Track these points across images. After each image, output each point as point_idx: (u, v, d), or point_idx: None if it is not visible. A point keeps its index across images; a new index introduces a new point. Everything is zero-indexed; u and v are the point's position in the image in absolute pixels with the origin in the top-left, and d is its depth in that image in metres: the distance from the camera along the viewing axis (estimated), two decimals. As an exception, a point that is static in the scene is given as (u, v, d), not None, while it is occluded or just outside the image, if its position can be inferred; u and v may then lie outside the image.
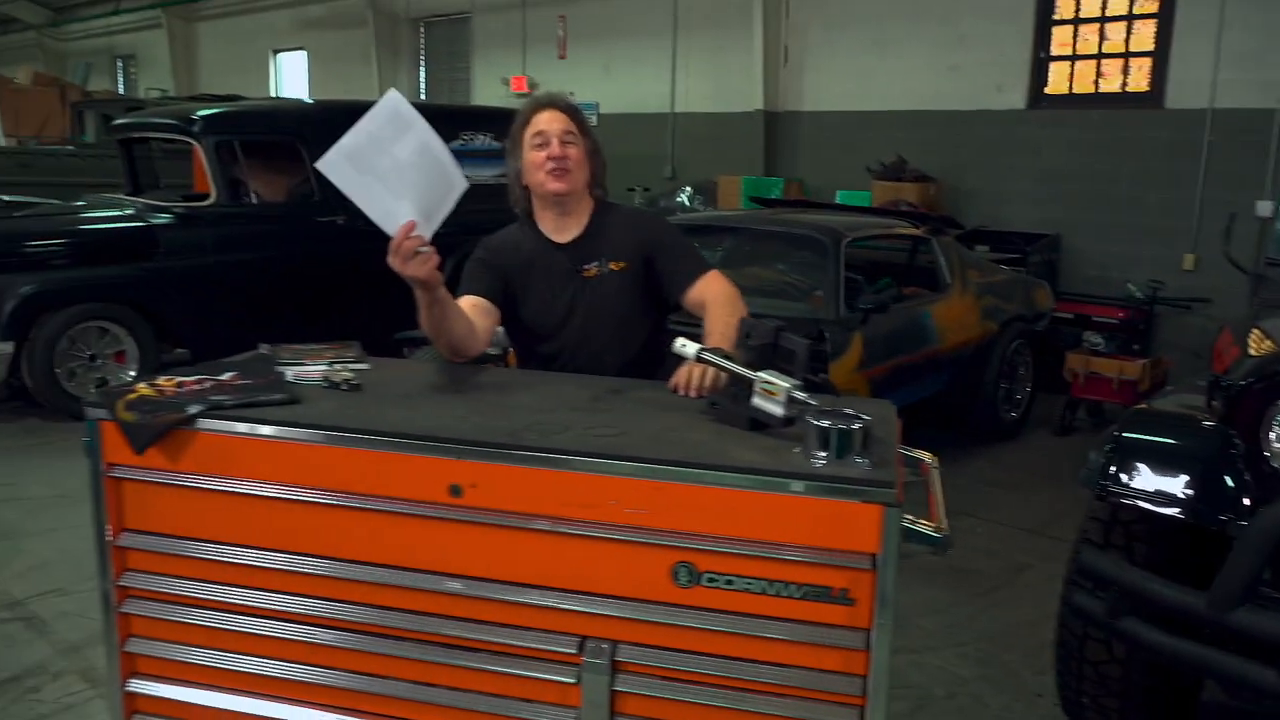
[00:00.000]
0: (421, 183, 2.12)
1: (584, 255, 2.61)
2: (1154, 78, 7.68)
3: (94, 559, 4.10)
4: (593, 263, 2.61)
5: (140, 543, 2.04)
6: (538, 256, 2.62)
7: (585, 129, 2.62)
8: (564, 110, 2.59)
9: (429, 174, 2.13)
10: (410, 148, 2.09)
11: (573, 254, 2.62)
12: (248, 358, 2.37)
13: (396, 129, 2.08)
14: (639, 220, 2.75)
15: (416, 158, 2.10)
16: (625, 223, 2.67)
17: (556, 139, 2.54)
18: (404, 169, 2.10)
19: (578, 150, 2.56)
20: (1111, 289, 7.69)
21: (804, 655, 1.76)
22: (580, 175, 2.58)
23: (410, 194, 2.11)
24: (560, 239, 2.64)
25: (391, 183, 2.09)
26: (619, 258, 2.61)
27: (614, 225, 2.65)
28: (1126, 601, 2.42)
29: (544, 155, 2.54)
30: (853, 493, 1.68)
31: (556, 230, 2.64)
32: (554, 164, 2.53)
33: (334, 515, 1.91)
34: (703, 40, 10.68)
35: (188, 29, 18.46)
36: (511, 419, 1.96)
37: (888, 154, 8.81)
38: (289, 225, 6.84)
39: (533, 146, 2.56)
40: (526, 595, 1.84)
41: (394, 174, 2.09)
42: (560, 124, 2.55)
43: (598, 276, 2.61)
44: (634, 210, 2.79)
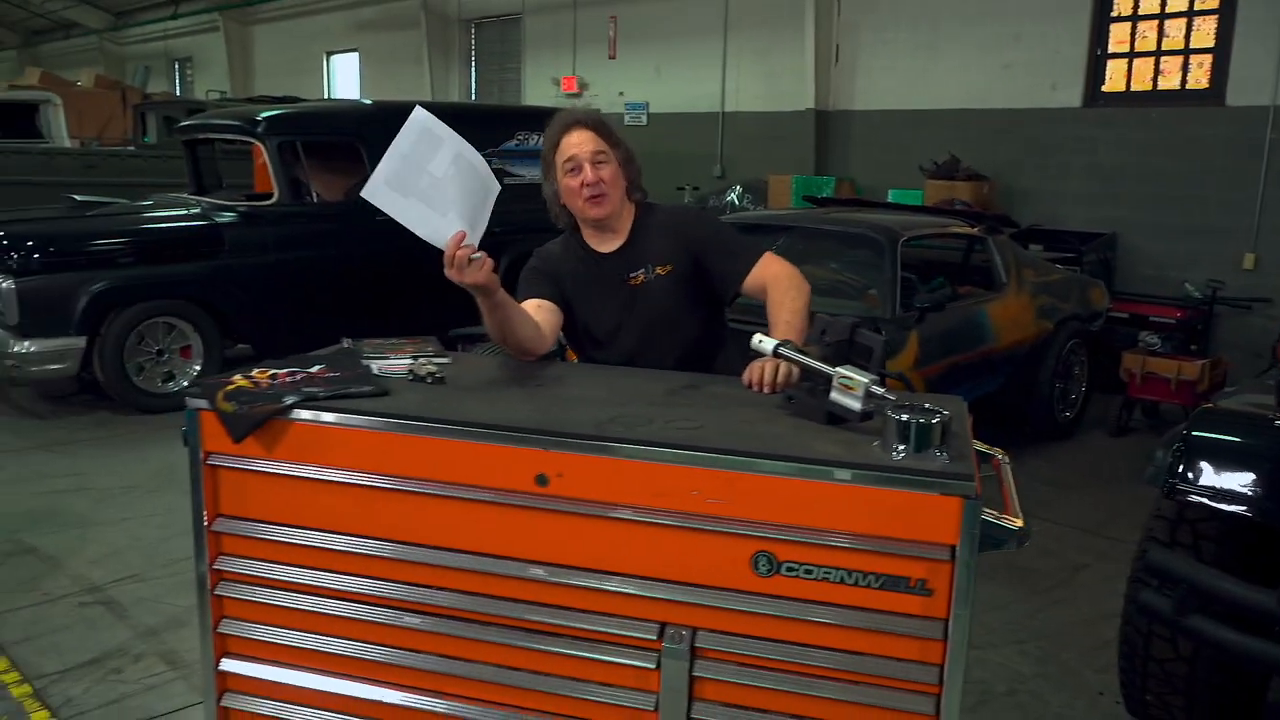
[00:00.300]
0: (461, 193, 2.18)
1: (629, 263, 2.63)
2: (1214, 75, 7.58)
3: (167, 547, 4.27)
4: (638, 270, 2.62)
5: (234, 528, 2.12)
6: (586, 268, 2.66)
7: (615, 139, 2.60)
8: (591, 127, 2.57)
9: (467, 183, 2.18)
10: (445, 161, 2.14)
11: (618, 263, 2.64)
12: (333, 351, 2.45)
13: (429, 146, 2.14)
14: (680, 219, 2.72)
15: (453, 170, 2.15)
16: (667, 224, 2.67)
17: (588, 164, 2.53)
18: (442, 183, 2.15)
19: (611, 169, 2.56)
20: (1169, 289, 7.61)
21: (881, 644, 1.80)
22: (617, 192, 2.58)
23: (453, 206, 2.17)
24: (605, 249, 2.66)
25: (434, 199, 2.16)
26: (664, 261, 2.62)
27: (656, 228, 2.66)
28: (1194, 599, 2.42)
29: (578, 182, 2.54)
30: (933, 485, 1.72)
31: (601, 242, 2.67)
32: (589, 190, 2.54)
33: (421, 503, 1.98)
34: (753, 40, 10.70)
35: (244, 31, 18.81)
36: (594, 411, 2.02)
37: (940, 153, 8.78)
38: (348, 224, 6.97)
39: (566, 172, 2.56)
40: (608, 582, 1.90)
41: (434, 190, 2.15)
42: (590, 145, 2.54)
43: (645, 283, 2.62)
44: (674, 209, 2.77)
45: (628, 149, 2.64)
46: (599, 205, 2.56)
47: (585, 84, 12.59)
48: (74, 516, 4.68)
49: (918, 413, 1.79)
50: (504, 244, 7.45)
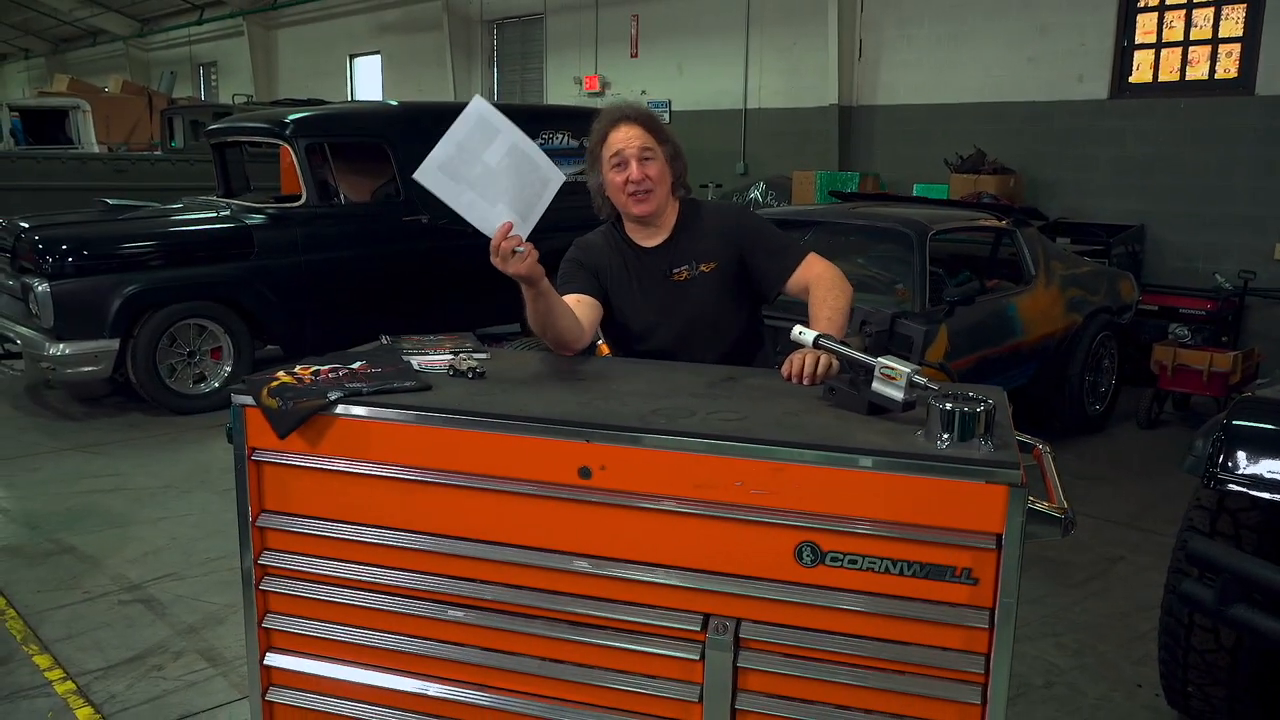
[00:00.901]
0: (514, 184, 2.19)
1: (673, 259, 2.63)
2: (1243, 64, 7.50)
3: (203, 545, 4.31)
4: (682, 266, 2.62)
5: (279, 523, 2.14)
6: (628, 262, 2.66)
7: (663, 135, 2.59)
8: (639, 122, 2.56)
9: (521, 175, 2.19)
10: (500, 151, 2.15)
11: (662, 258, 2.64)
12: (372, 348, 2.47)
13: (484, 135, 2.14)
14: (726, 217, 2.72)
15: (507, 160, 2.16)
16: (712, 221, 2.67)
17: (635, 160, 2.52)
18: (495, 174, 2.16)
19: (657, 165, 2.55)
20: (1198, 280, 7.55)
21: (926, 633, 1.80)
22: (662, 189, 2.58)
23: (504, 197, 2.18)
24: (648, 244, 2.66)
25: (485, 189, 2.17)
26: (709, 258, 2.62)
27: (701, 225, 2.65)
28: (1237, 588, 2.41)
29: (624, 178, 2.53)
30: (978, 474, 1.71)
31: (644, 236, 2.67)
32: (635, 187, 2.53)
33: (465, 496, 1.99)
34: (776, 36, 10.68)
35: (267, 36, 18.96)
36: (635, 404, 2.03)
37: (965, 147, 8.73)
38: (376, 224, 7.03)
39: (611, 167, 2.55)
40: (652, 574, 1.91)
41: (486, 179, 2.16)
42: (637, 141, 2.53)
43: (689, 279, 2.61)
44: (719, 206, 2.77)
45: (675, 145, 2.63)
46: (643, 203, 2.56)
47: (607, 83, 12.61)
48: (111, 516, 4.74)
49: (961, 401, 1.79)
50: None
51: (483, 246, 8.30)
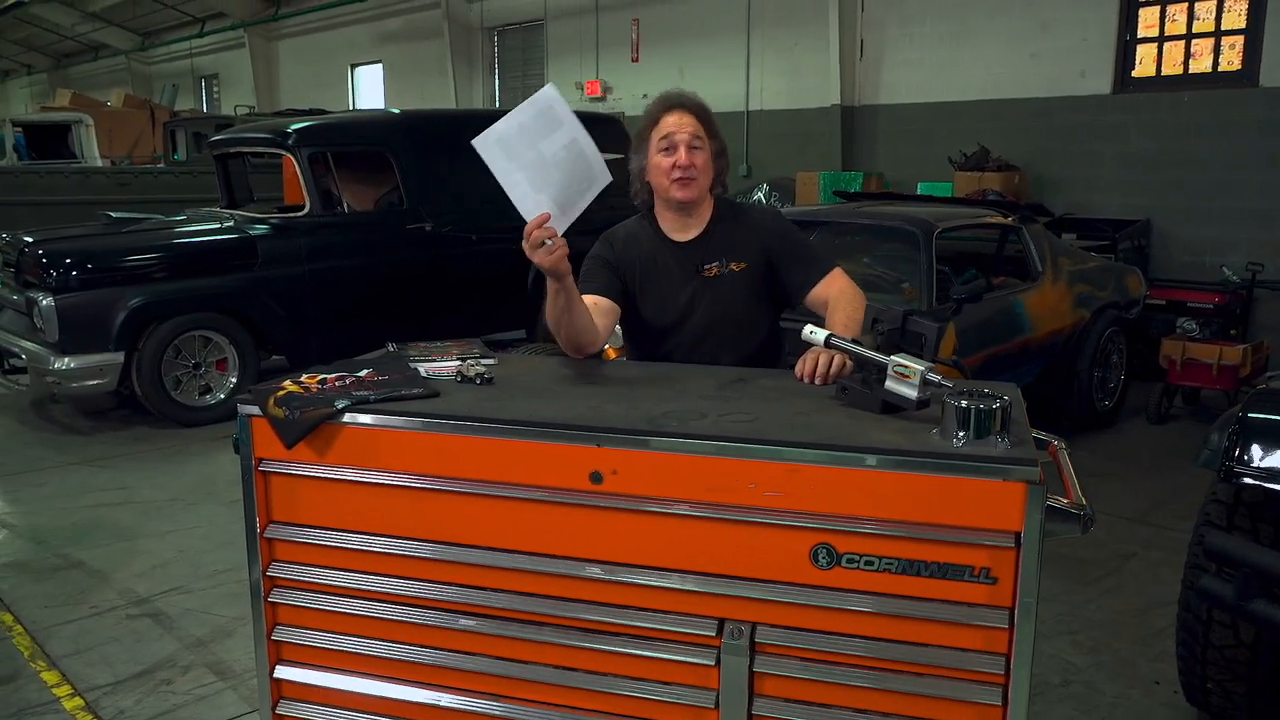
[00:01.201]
0: (563, 179, 2.19)
1: (705, 255, 2.62)
2: (1247, 56, 7.46)
3: (210, 558, 4.29)
4: (713, 262, 2.61)
5: (287, 534, 2.13)
6: (658, 254, 2.64)
7: (713, 129, 2.59)
8: (692, 111, 2.56)
9: (572, 170, 2.19)
10: (558, 144, 2.15)
11: (693, 253, 2.63)
12: (379, 356, 2.46)
13: (547, 124, 2.15)
14: (760, 220, 2.71)
15: (563, 154, 2.16)
16: (747, 222, 2.66)
17: (684, 146, 2.52)
18: (548, 164, 2.16)
19: (704, 156, 2.55)
20: (1205, 274, 7.51)
21: (945, 634, 1.77)
22: (705, 180, 2.57)
23: (550, 189, 2.18)
24: (681, 238, 2.65)
25: (534, 175, 2.17)
26: (740, 258, 2.61)
27: (735, 225, 2.65)
28: (1257, 583, 2.37)
29: (670, 162, 2.53)
30: (996, 471, 1.69)
31: (677, 229, 2.65)
32: (680, 172, 2.53)
33: (475, 504, 1.97)
34: (777, 37, 10.67)
35: (269, 47, 19.00)
36: (646, 407, 2.00)
37: (968, 145, 8.71)
38: (380, 233, 7.02)
39: (659, 150, 2.55)
40: (666, 579, 1.88)
41: (537, 167, 2.16)
42: (689, 128, 2.53)
43: (718, 276, 2.61)
44: (754, 209, 2.75)
45: (723, 143, 2.63)
46: (686, 188, 2.55)
47: (609, 88, 12.60)
48: (119, 530, 4.72)
49: (977, 399, 1.76)
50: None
51: (486, 253, 8.33)
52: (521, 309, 7.74)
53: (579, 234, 2.50)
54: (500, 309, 7.72)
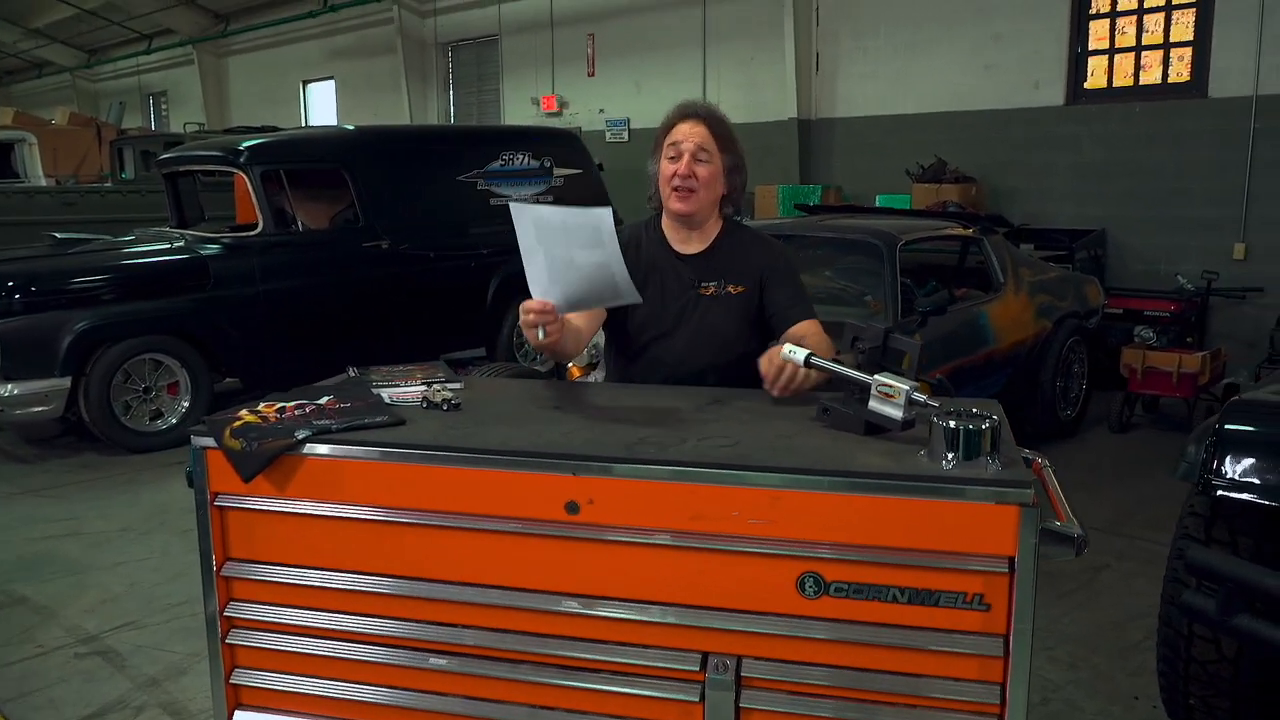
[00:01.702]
0: (584, 286, 2.12)
1: (705, 272, 2.56)
2: (1195, 67, 7.59)
3: (164, 591, 4.13)
4: (712, 282, 2.55)
5: (245, 571, 2.02)
6: (658, 262, 2.58)
7: (727, 143, 2.50)
8: (706, 122, 2.49)
9: (595, 282, 2.10)
10: (591, 260, 2.06)
11: (694, 268, 2.57)
12: (339, 381, 2.36)
13: (589, 239, 2.05)
14: (764, 246, 2.63)
15: (590, 269, 2.07)
16: (751, 246, 2.60)
17: (689, 156, 2.45)
18: (572, 267, 2.09)
19: (709, 169, 2.47)
20: (1160, 282, 7.60)
21: (938, 664, 1.71)
22: (708, 195, 2.50)
23: (567, 287, 2.12)
24: (684, 250, 2.59)
25: (556, 268, 2.10)
26: (740, 281, 2.55)
27: (740, 247, 2.59)
28: (1240, 598, 2.35)
29: (673, 170, 2.47)
30: (988, 494, 1.64)
31: (681, 240, 2.59)
32: (679, 181, 2.46)
33: (445, 537, 1.88)
34: (733, 51, 10.69)
35: (218, 64, 18.72)
36: (621, 433, 1.93)
37: (925, 157, 8.76)
38: (335, 252, 6.89)
39: (667, 157, 2.49)
40: (646, 612, 1.80)
41: (564, 264, 2.09)
42: (697, 138, 2.46)
43: (714, 296, 2.55)
44: (760, 235, 2.67)
45: (739, 158, 2.54)
46: (684, 200, 2.48)
47: (565, 102, 12.55)
48: (66, 563, 4.54)
49: (965, 419, 1.71)
50: (492, 265, 7.50)
51: (445, 270, 8.16)
52: (481, 327, 7.64)
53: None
54: (459, 327, 7.62)
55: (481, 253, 7.44)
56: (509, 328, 7.73)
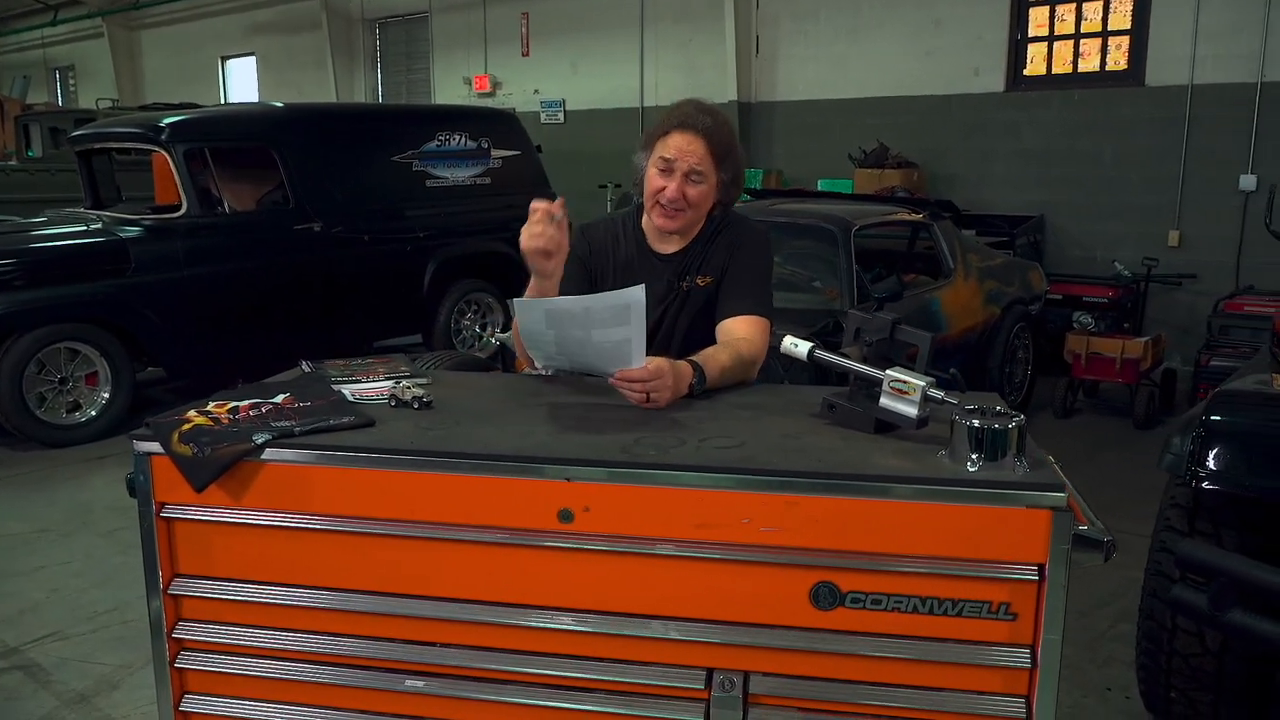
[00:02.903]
0: (589, 357, 1.99)
1: (684, 268, 2.43)
2: (1133, 55, 7.67)
3: (88, 598, 3.87)
4: (689, 277, 2.42)
5: (197, 589, 1.83)
6: (637, 261, 2.44)
7: (726, 159, 2.33)
8: (705, 136, 2.30)
9: (603, 356, 1.95)
10: (611, 338, 1.91)
11: (673, 267, 2.43)
12: (295, 378, 2.17)
13: (613, 318, 1.89)
14: (738, 235, 2.46)
15: (609, 346, 1.92)
16: (728, 238, 2.44)
17: (680, 176, 2.29)
18: (586, 346, 1.95)
19: (702, 190, 2.31)
20: (1097, 268, 7.69)
21: (959, 677, 1.61)
22: (696, 214, 2.36)
23: (572, 361, 2.04)
24: (663, 249, 2.45)
25: (568, 348, 1.99)
26: (708, 272, 2.42)
27: (716, 239, 2.44)
28: (1233, 593, 2.30)
29: (661, 186, 2.31)
30: (1019, 498, 1.54)
31: (661, 241, 2.45)
32: (668, 202, 2.31)
33: (423, 549, 1.72)
34: (672, 33, 10.53)
35: (130, 37, 17.90)
36: (613, 434, 1.78)
37: (865, 141, 8.74)
38: (265, 235, 6.57)
39: (656, 167, 2.32)
40: (646, 627, 1.67)
41: (574, 346, 1.97)
42: (693, 159, 2.28)
43: (688, 291, 2.42)
44: (742, 223, 2.49)
45: (738, 170, 2.37)
46: (670, 220, 2.34)
47: (498, 83, 12.26)
48: (-21, 569, 4.23)
49: (990, 417, 1.61)
50: (429, 249, 7.26)
51: (379, 254, 7.87)
52: (417, 313, 7.40)
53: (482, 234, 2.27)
54: (395, 313, 7.37)
55: (418, 236, 7.20)
56: (446, 314, 7.51)
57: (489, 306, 7.87)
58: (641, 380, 1.92)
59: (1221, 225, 7.37)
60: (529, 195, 2.40)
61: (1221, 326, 6.09)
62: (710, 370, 2.07)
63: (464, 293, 7.61)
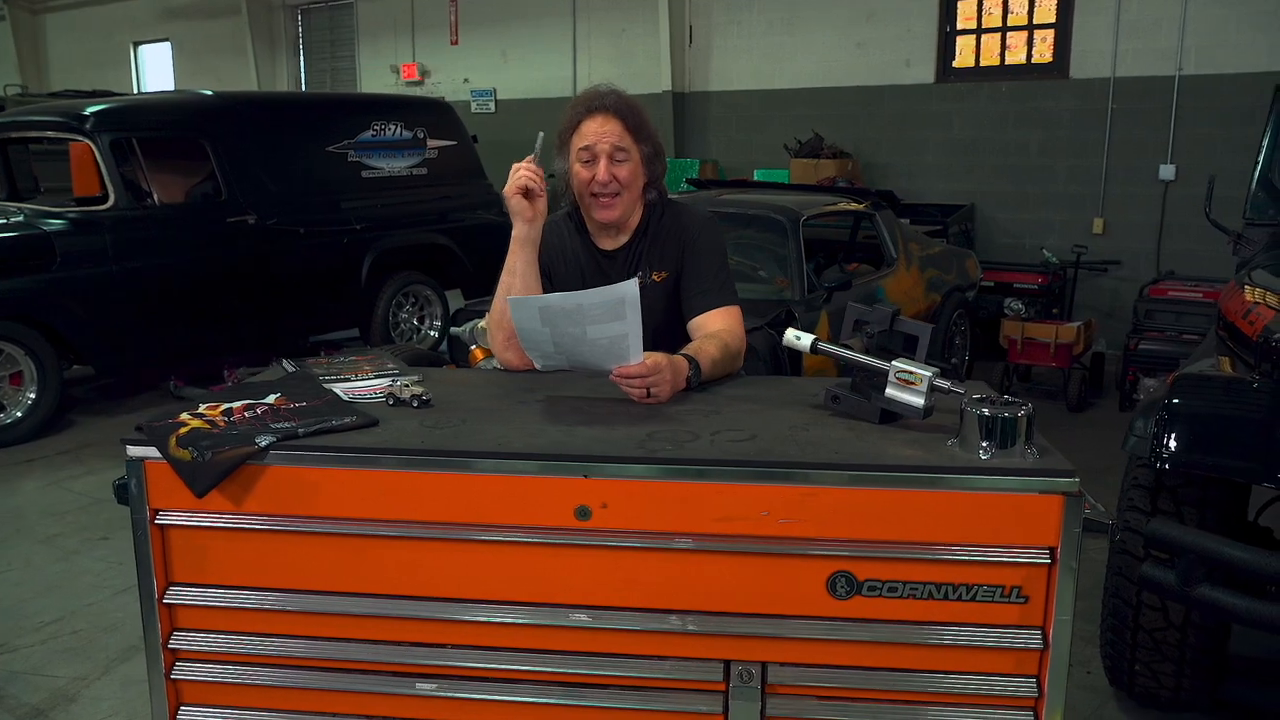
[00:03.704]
0: (590, 357, 1.95)
1: (632, 264, 2.40)
2: (1058, 49, 7.89)
3: (33, 607, 3.72)
4: (638, 272, 2.38)
5: (194, 597, 1.77)
6: (584, 261, 2.42)
7: (644, 132, 2.32)
8: (617, 114, 2.28)
9: (604, 353, 1.92)
10: (607, 333, 1.88)
11: (620, 263, 2.40)
12: (281, 377, 2.11)
13: (609, 313, 1.87)
14: (688, 227, 2.43)
15: (605, 342, 1.90)
16: (674, 228, 2.41)
17: (605, 158, 2.26)
18: (582, 343, 1.91)
19: (630, 168, 2.28)
20: (1025, 256, 7.91)
21: (973, 660, 1.65)
22: (631, 195, 2.32)
23: (570, 358, 1.98)
24: (607, 246, 2.42)
25: (564, 344, 1.95)
26: (662, 267, 2.39)
27: (663, 230, 2.41)
28: (1200, 569, 2.40)
29: (590, 176, 2.27)
30: (1033, 484, 1.58)
31: (605, 236, 2.42)
32: (600, 189, 2.27)
33: (434, 550, 1.70)
34: (605, 22, 10.49)
35: (34, 21, 17.14)
36: (624, 429, 1.78)
37: (800, 132, 8.83)
38: (197, 227, 6.37)
39: (579, 160, 2.29)
40: (664, 621, 1.67)
41: (571, 343, 1.93)
42: (611, 137, 2.26)
43: (642, 288, 2.37)
44: (686, 213, 2.47)
45: (656, 143, 2.36)
46: (608, 209, 2.30)
47: (427, 71, 12.06)
48: (-92, 580, 4.03)
49: (999, 406, 1.64)
50: (366, 241, 7.12)
51: (315, 247, 7.68)
52: (354, 307, 7.26)
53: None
54: (332, 307, 7.22)
55: (354, 228, 7.05)
56: (384, 307, 7.37)
57: (427, 299, 7.75)
58: (641, 376, 1.92)
59: (1143, 213, 7.65)
60: (465, 186, 2.36)
61: (1148, 311, 6.30)
62: (703, 364, 2.08)
63: (402, 285, 7.48)
